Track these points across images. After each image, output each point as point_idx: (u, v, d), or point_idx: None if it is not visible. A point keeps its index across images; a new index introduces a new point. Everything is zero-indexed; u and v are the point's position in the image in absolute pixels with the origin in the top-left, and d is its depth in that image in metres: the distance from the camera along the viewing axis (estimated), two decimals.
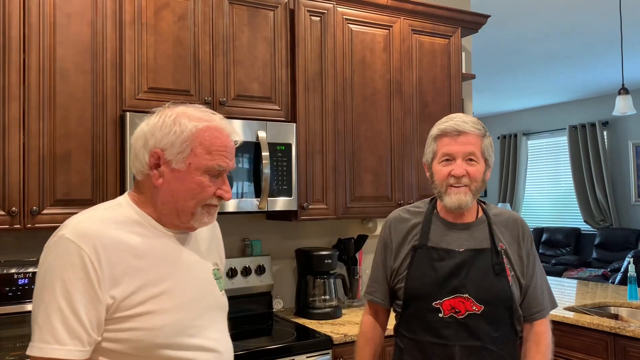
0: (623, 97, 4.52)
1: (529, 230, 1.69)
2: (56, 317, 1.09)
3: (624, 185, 7.96)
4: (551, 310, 1.69)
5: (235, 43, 2.51)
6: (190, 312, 1.22)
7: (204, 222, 1.26)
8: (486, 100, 8.31)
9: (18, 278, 1.92)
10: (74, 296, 1.10)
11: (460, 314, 1.54)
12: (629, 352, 2.46)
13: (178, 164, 1.20)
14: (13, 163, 2.03)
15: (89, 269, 1.11)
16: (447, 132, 1.59)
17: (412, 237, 1.65)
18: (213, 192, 1.24)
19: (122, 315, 1.14)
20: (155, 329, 1.16)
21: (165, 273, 1.21)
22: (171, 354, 1.18)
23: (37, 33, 2.09)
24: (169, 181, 1.21)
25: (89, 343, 1.12)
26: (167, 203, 1.23)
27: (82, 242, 1.13)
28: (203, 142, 1.21)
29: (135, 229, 1.21)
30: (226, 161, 1.24)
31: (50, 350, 1.09)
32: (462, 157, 1.57)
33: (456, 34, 3.18)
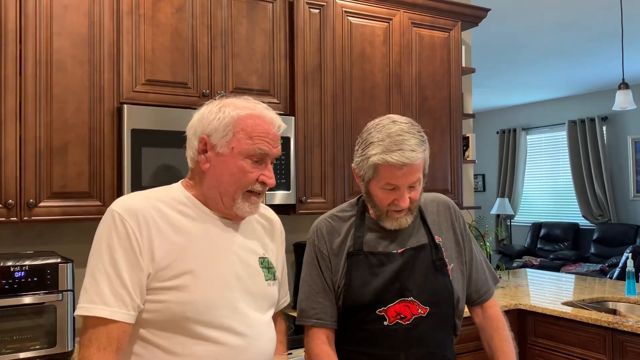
0: (623, 92, 4.50)
1: (459, 210, 1.63)
2: (103, 280, 1.18)
3: (622, 180, 7.97)
4: (495, 285, 1.64)
5: (234, 35, 2.50)
6: (225, 293, 1.25)
7: (246, 210, 1.29)
8: (485, 95, 8.30)
9: (14, 271, 1.91)
10: (119, 262, 1.18)
11: (406, 319, 1.45)
12: (627, 347, 2.46)
13: (222, 148, 1.26)
14: (9, 155, 2.01)
15: (132, 238, 1.20)
16: (393, 164, 1.38)
17: (347, 246, 1.51)
18: (255, 178, 1.28)
19: (158, 287, 1.20)
20: (187, 303, 1.20)
21: (202, 252, 1.25)
22: (201, 330, 1.21)
23: (34, 24, 2.07)
24: (214, 165, 1.27)
25: (132, 307, 1.19)
26: (212, 187, 1.28)
27: (127, 214, 1.21)
28: (245, 128, 1.26)
29: (180, 208, 1.28)
30: (268, 146, 1.28)
31: (97, 310, 1.16)
32: (407, 187, 1.43)
33: (456, 27, 3.16)
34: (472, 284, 1.59)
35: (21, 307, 1.92)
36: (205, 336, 1.22)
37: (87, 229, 2.46)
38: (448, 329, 1.52)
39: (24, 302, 1.92)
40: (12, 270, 1.91)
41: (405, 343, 1.44)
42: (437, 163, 3.06)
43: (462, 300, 1.56)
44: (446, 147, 3.11)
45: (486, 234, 3.53)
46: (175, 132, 2.27)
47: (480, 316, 1.62)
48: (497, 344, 1.57)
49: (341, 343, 1.51)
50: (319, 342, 1.49)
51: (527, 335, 2.86)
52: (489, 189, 9.90)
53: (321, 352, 1.48)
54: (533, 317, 2.84)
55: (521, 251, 8.44)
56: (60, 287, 1.97)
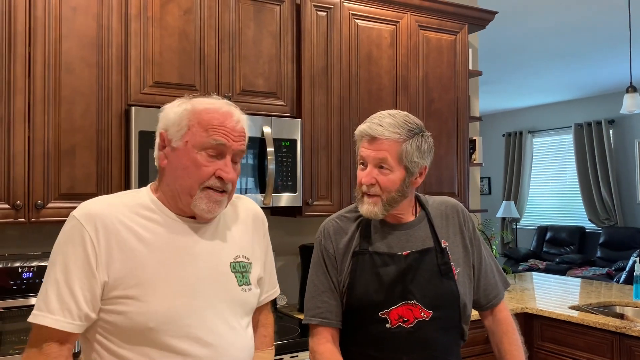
0: (631, 95, 4.48)
1: (469, 214, 1.62)
2: (52, 288, 1.15)
3: (629, 183, 7.93)
4: (505, 289, 1.63)
5: (241, 38, 2.50)
6: (190, 301, 1.20)
7: (203, 208, 1.22)
8: (492, 98, 8.28)
9: (22, 272, 1.92)
10: (70, 270, 1.15)
11: (408, 322, 1.43)
12: (635, 352, 2.44)
13: (177, 142, 1.22)
14: (18, 156, 2.02)
15: (88, 246, 1.16)
16: (362, 135, 1.46)
17: (353, 246, 1.52)
18: (211, 172, 1.21)
19: (117, 295, 1.16)
20: (148, 312, 1.16)
21: (166, 258, 1.20)
22: (165, 340, 1.17)
23: (43, 26, 2.08)
24: (171, 161, 1.23)
25: (79, 317, 1.15)
26: (170, 184, 1.24)
27: (85, 220, 1.18)
28: (200, 121, 1.22)
29: (144, 213, 1.23)
30: (224, 137, 1.21)
31: (42, 317, 1.14)
32: (373, 164, 1.44)
33: (463, 30, 3.15)
34: (480, 288, 1.58)
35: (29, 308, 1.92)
36: (171, 347, 1.17)
37: None
38: (453, 333, 1.51)
39: (32, 303, 1.93)
40: (20, 271, 1.92)
41: (408, 346, 1.43)
42: (443, 166, 3.05)
43: (469, 305, 1.55)
44: (453, 149, 3.10)
45: (492, 237, 3.52)
46: None
47: (490, 320, 1.62)
48: (507, 348, 1.56)
49: (345, 344, 1.51)
50: (323, 340, 1.49)
51: (534, 340, 2.85)
52: (495, 192, 9.87)
53: (325, 350, 1.47)
54: (539, 321, 2.83)
55: (527, 254, 8.40)
56: None
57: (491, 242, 3.44)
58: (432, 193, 1.58)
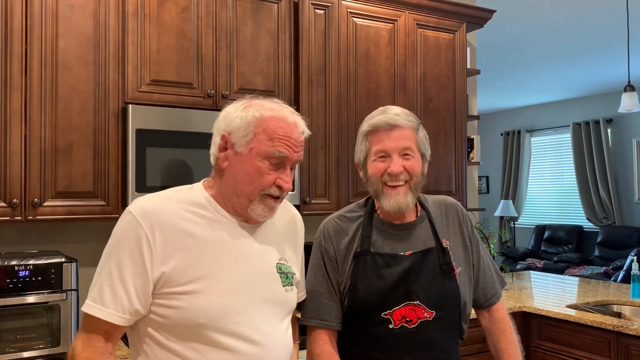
0: (629, 94, 4.49)
1: (467, 213, 1.62)
2: (106, 280, 1.19)
3: (627, 183, 7.94)
4: (502, 288, 1.63)
5: (239, 36, 2.50)
6: (240, 299, 1.23)
7: (259, 213, 1.26)
8: (490, 97, 8.28)
9: (19, 270, 1.91)
10: (124, 265, 1.18)
11: (411, 323, 1.43)
12: (632, 351, 2.44)
13: (241, 147, 1.25)
14: (14, 154, 2.02)
15: (143, 242, 1.19)
16: (379, 127, 1.45)
17: (354, 247, 1.50)
18: (272, 181, 1.25)
19: (170, 291, 1.19)
20: (200, 309, 1.19)
21: (217, 256, 1.24)
22: (214, 336, 1.20)
23: (40, 24, 2.07)
24: (232, 164, 1.26)
25: (129, 312, 1.19)
26: (228, 186, 1.27)
27: (141, 217, 1.20)
28: (266, 129, 1.24)
29: (198, 210, 1.26)
30: (288, 149, 1.25)
31: (95, 309, 1.18)
32: (398, 153, 1.44)
33: (461, 28, 3.15)
34: (479, 287, 1.58)
35: (25, 306, 1.93)
36: (219, 343, 1.20)
37: (91, 229, 2.46)
38: (454, 333, 1.51)
39: (28, 301, 1.92)
40: (16, 270, 1.91)
41: (411, 347, 1.42)
42: (441, 164, 3.05)
43: (469, 304, 1.55)
44: (451, 148, 3.10)
45: (490, 236, 3.52)
46: (180, 132, 2.27)
47: (487, 319, 1.61)
48: (504, 347, 1.56)
49: (346, 345, 1.50)
50: (321, 342, 1.48)
51: (531, 338, 2.85)
52: (493, 190, 9.87)
53: (323, 351, 1.46)
54: (537, 320, 2.83)
55: (525, 253, 8.41)
56: (64, 287, 1.97)
57: (489, 241, 3.44)
58: (430, 192, 1.57)
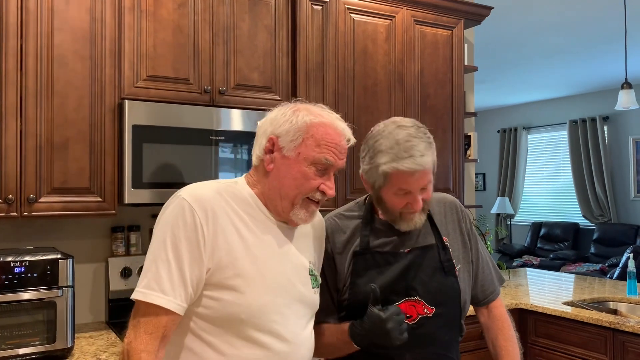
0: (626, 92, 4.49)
1: (466, 211, 1.62)
2: (163, 268, 1.17)
3: (623, 180, 7.96)
4: (500, 285, 1.64)
5: (236, 32, 2.48)
6: (279, 298, 1.26)
7: (301, 217, 1.29)
8: (487, 94, 8.28)
9: (14, 266, 1.90)
10: (181, 252, 1.18)
11: (412, 319, 1.43)
12: (628, 348, 2.45)
13: (289, 151, 1.26)
14: (10, 150, 2.00)
15: (198, 230, 1.19)
16: (407, 172, 1.38)
17: (352, 245, 1.50)
18: (317, 186, 1.28)
19: (216, 283, 1.20)
20: (243, 304, 1.20)
21: (261, 254, 1.25)
22: (250, 332, 1.22)
23: (35, 19, 2.06)
24: (278, 167, 1.28)
25: (186, 300, 1.18)
26: (273, 188, 1.28)
27: (196, 204, 1.20)
28: (315, 135, 1.26)
29: (244, 207, 1.28)
30: (334, 157, 1.28)
31: (154, 296, 1.16)
32: (420, 190, 1.43)
33: (459, 25, 3.15)
34: (478, 284, 1.58)
35: (21, 302, 1.92)
36: (254, 339, 1.22)
37: (87, 225, 2.45)
38: (454, 330, 1.51)
39: (24, 297, 1.91)
40: (12, 266, 1.90)
41: (411, 342, 1.41)
42: (438, 161, 3.00)
43: (469, 301, 1.56)
44: (448, 145, 3.10)
45: (487, 233, 3.52)
46: (176, 128, 2.26)
47: (486, 316, 1.62)
48: (502, 344, 1.56)
49: None
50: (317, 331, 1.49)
51: (528, 335, 2.86)
52: (490, 188, 9.89)
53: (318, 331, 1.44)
54: (534, 317, 2.83)
55: (521, 250, 8.43)
56: (60, 283, 1.96)
57: (485, 238, 3.44)
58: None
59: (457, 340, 1.54)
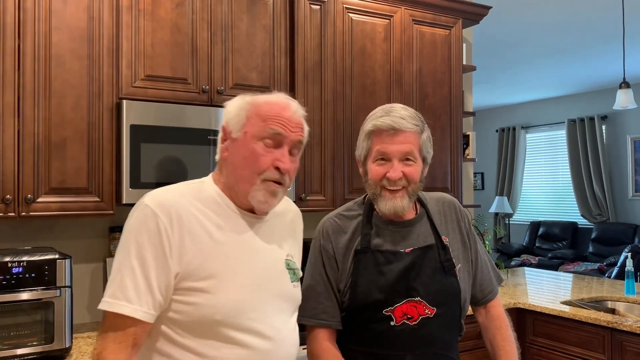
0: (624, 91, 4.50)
1: (465, 210, 1.62)
2: (128, 276, 1.16)
3: (621, 179, 7.97)
4: (499, 285, 1.64)
5: (234, 31, 2.48)
6: (254, 295, 1.23)
7: (260, 199, 1.24)
8: (485, 93, 8.28)
9: (12, 267, 1.90)
10: (146, 259, 1.16)
11: (413, 319, 1.42)
12: (626, 347, 2.45)
13: (236, 133, 1.25)
14: (7, 150, 2.00)
15: (163, 235, 1.17)
16: (382, 129, 1.42)
17: (354, 245, 1.49)
18: (269, 162, 1.23)
19: (187, 287, 1.18)
20: (216, 305, 1.18)
21: (232, 252, 1.23)
22: (229, 333, 1.19)
23: (33, 18, 2.05)
24: (231, 152, 1.26)
25: (154, 307, 1.16)
26: (230, 175, 1.27)
27: (160, 210, 1.18)
28: (259, 112, 1.25)
29: (210, 206, 1.25)
30: (281, 127, 1.24)
31: (119, 306, 1.14)
32: (399, 158, 1.42)
33: (457, 25, 3.15)
34: (477, 283, 1.58)
35: (19, 303, 1.91)
36: (233, 339, 1.20)
37: (85, 225, 2.45)
38: (454, 329, 1.51)
39: (22, 298, 1.91)
40: (9, 266, 1.90)
41: (412, 344, 1.42)
42: (437, 161, 3.05)
43: (468, 301, 1.55)
44: (446, 145, 3.10)
45: (485, 233, 3.52)
46: (174, 128, 2.25)
47: (484, 315, 1.62)
48: (500, 344, 1.56)
49: (347, 343, 1.49)
50: (321, 340, 1.48)
51: (526, 334, 2.86)
52: (488, 187, 9.89)
53: (324, 349, 1.46)
54: (532, 316, 2.83)
55: (519, 250, 8.44)
56: (58, 283, 1.96)
57: (484, 238, 3.44)
58: (426, 188, 1.56)
59: (456, 340, 1.54)
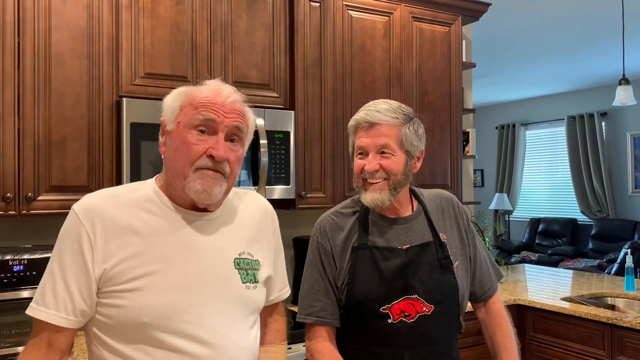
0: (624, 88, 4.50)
1: (463, 206, 1.62)
2: (48, 281, 1.15)
3: (621, 176, 7.97)
4: (498, 281, 1.64)
5: (234, 29, 2.48)
6: (189, 297, 1.16)
7: (197, 189, 1.16)
8: (484, 90, 8.28)
9: (13, 265, 1.90)
10: (65, 264, 1.15)
11: (410, 317, 1.42)
12: (626, 343, 2.46)
13: (170, 124, 1.21)
14: (8, 148, 2.00)
15: (84, 241, 1.14)
16: (359, 124, 1.45)
17: (351, 242, 1.49)
18: (201, 150, 1.16)
19: (113, 290, 1.14)
20: (143, 307, 1.13)
21: (164, 253, 1.17)
22: (160, 337, 1.13)
23: (32, 17, 2.05)
24: (167, 146, 1.22)
25: (73, 312, 1.14)
26: (167, 170, 1.22)
27: (82, 214, 1.16)
28: (192, 101, 1.19)
29: (145, 205, 1.20)
30: (213, 113, 1.17)
31: (37, 311, 1.14)
32: (375, 151, 1.43)
33: (457, 22, 3.14)
34: (476, 280, 1.58)
35: (20, 301, 1.92)
36: (166, 344, 1.13)
37: None
38: (453, 327, 1.51)
39: (23, 296, 1.92)
40: (10, 264, 1.90)
41: (409, 341, 1.42)
42: (437, 158, 3.05)
43: (467, 298, 1.56)
44: (446, 142, 3.10)
45: (485, 229, 3.53)
46: None
47: (483, 312, 1.62)
48: (500, 340, 1.57)
49: (345, 341, 1.49)
50: (320, 339, 1.47)
51: (526, 331, 2.87)
52: (488, 184, 9.90)
53: (323, 348, 1.46)
54: (532, 313, 2.84)
55: (519, 246, 8.45)
56: None
57: (483, 235, 3.45)
58: (425, 185, 1.57)
59: (456, 338, 1.54)
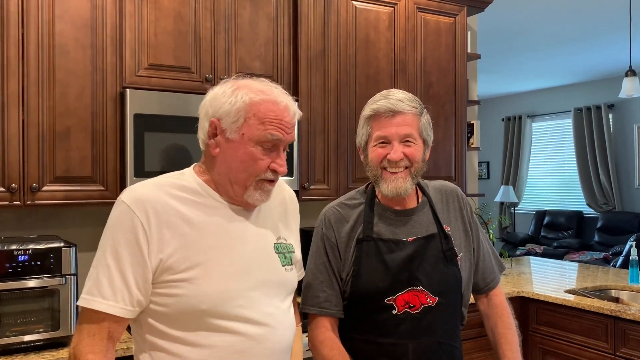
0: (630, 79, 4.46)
1: (467, 198, 1.62)
2: (103, 273, 1.16)
3: (627, 168, 7.92)
4: (500, 273, 1.64)
5: (237, 20, 2.48)
6: (241, 283, 1.22)
7: (256, 198, 1.25)
8: (491, 82, 8.24)
9: (18, 255, 1.92)
10: (121, 256, 1.16)
11: (415, 308, 1.43)
12: (629, 335, 2.46)
13: (232, 133, 1.21)
14: (12, 139, 2.01)
15: (139, 231, 1.16)
16: (380, 112, 1.43)
17: (356, 233, 1.50)
18: (266, 165, 1.23)
19: (169, 279, 1.18)
20: (201, 295, 1.17)
21: (215, 242, 1.22)
22: (217, 322, 1.19)
23: (36, 7, 2.06)
24: (224, 151, 1.23)
25: (131, 303, 1.17)
26: (222, 174, 1.24)
27: (135, 206, 1.18)
28: (257, 114, 1.21)
29: (191, 196, 1.24)
30: (280, 132, 1.22)
31: (94, 302, 1.15)
32: (399, 140, 1.43)
33: (462, 12, 3.12)
34: (479, 272, 1.59)
35: (25, 290, 1.94)
36: (223, 327, 1.19)
37: (90, 214, 2.47)
38: (456, 318, 1.52)
39: (28, 285, 1.93)
40: (15, 254, 1.92)
41: (414, 332, 1.42)
42: (441, 150, 3.04)
43: (470, 289, 1.56)
44: (450, 133, 3.09)
45: (489, 222, 3.52)
46: (178, 117, 2.26)
47: (485, 304, 1.62)
48: (501, 332, 1.57)
49: (349, 332, 1.50)
50: (323, 329, 1.48)
51: (529, 323, 2.87)
52: (494, 176, 9.87)
53: (326, 338, 1.47)
54: (535, 305, 2.84)
55: (525, 239, 8.43)
56: (63, 271, 1.98)
57: (488, 227, 3.44)
58: (430, 177, 1.56)
59: (459, 329, 1.55)
